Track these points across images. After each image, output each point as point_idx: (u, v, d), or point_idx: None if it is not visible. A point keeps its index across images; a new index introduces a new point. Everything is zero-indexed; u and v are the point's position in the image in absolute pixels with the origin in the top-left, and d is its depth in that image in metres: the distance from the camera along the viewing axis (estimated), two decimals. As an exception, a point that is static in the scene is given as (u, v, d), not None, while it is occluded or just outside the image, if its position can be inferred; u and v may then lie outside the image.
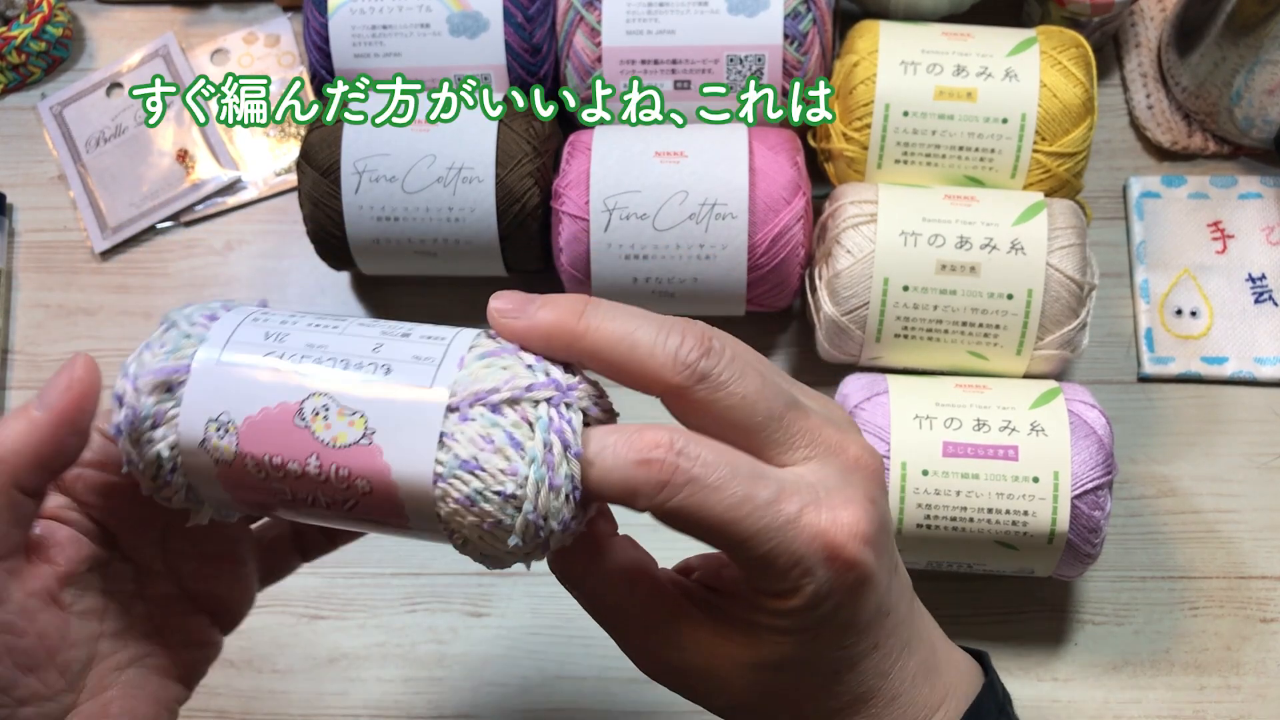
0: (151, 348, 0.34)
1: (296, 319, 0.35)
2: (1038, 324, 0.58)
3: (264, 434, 0.32)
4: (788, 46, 0.63)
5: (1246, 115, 0.66)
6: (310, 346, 0.33)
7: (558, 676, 0.60)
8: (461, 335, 0.33)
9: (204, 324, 0.35)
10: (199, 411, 0.33)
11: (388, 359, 0.32)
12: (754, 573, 0.32)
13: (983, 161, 0.62)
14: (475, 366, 0.32)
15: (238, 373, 0.33)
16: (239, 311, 0.35)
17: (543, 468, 0.31)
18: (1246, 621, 0.60)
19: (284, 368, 0.33)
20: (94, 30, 0.76)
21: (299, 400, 0.32)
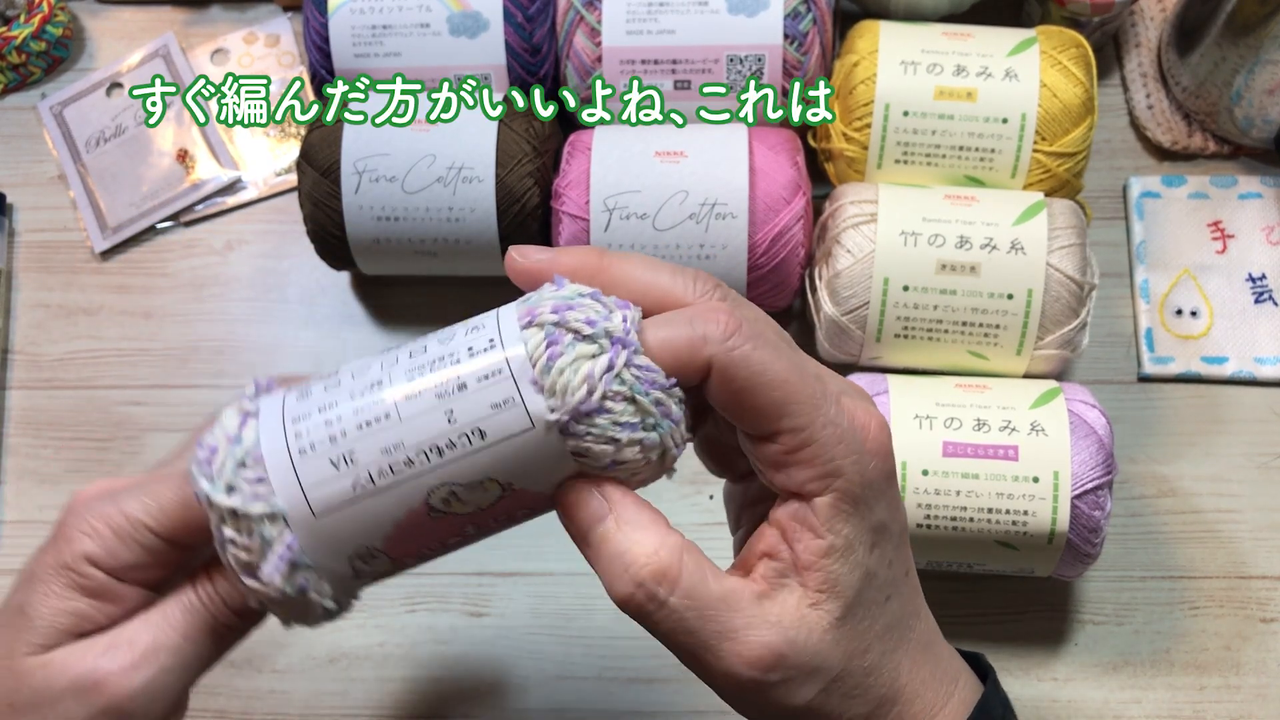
0: (240, 546, 0.32)
1: (327, 414, 0.32)
2: (1038, 324, 0.58)
3: (410, 538, 0.33)
4: (788, 46, 0.63)
5: (1246, 115, 0.66)
6: (385, 451, 0.31)
7: (558, 677, 0.60)
8: (508, 342, 0.31)
9: (259, 486, 0.32)
10: (337, 559, 0.33)
11: (466, 417, 0.31)
12: (800, 453, 0.32)
13: (983, 161, 0.62)
14: (554, 369, 0.31)
15: (344, 517, 0.32)
16: (276, 446, 0.32)
17: (663, 422, 0.32)
18: (1247, 621, 0.60)
19: (382, 486, 0.31)
20: (94, 30, 0.76)
21: (422, 502, 0.32)
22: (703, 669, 0.33)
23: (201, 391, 0.67)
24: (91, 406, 0.67)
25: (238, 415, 0.33)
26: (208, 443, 0.32)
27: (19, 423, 0.67)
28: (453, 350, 0.31)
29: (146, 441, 0.66)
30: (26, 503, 0.66)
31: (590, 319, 0.31)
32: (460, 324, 0.33)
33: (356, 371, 0.32)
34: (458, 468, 0.31)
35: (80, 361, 0.68)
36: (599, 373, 0.30)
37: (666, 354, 0.31)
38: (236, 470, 0.32)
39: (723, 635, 0.33)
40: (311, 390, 0.33)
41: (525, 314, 0.31)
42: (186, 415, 0.67)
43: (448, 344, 0.32)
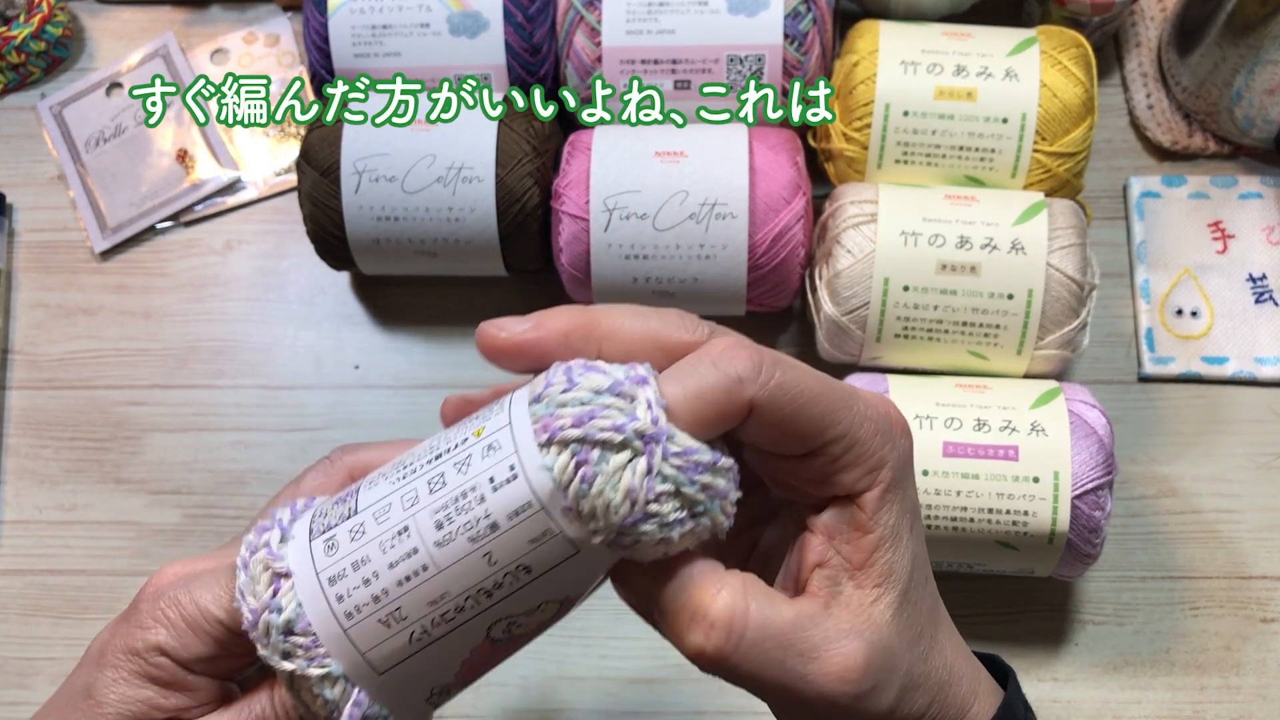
0: (308, 706, 0.32)
1: (363, 571, 0.30)
2: (1038, 324, 0.58)
3: (479, 666, 0.32)
4: (788, 46, 0.63)
5: (1247, 115, 0.66)
6: (432, 603, 0.30)
7: (557, 677, 0.60)
8: (530, 470, 0.29)
9: (314, 650, 0.31)
10: (411, 700, 0.32)
11: (506, 557, 0.29)
12: (845, 457, 0.31)
13: (983, 161, 0.62)
14: (591, 494, 0.29)
15: (408, 668, 0.31)
16: (320, 611, 0.31)
17: (712, 504, 0.30)
18: (1247, 621, 0.60)
19: (438, 635, 0.30)
20: (94, 30, 0.76)
21: (484, 638, 0.31)
22: (796, 699, 0.31)
23: (201, 391, 0.67)
24: (91, 406, 0.67)
25: (268, 578, 0.31)
26: (249, 604, 0.31)
27: (19, 423, 0.67)
28: (473, 483, 0.29)
29: (146, 441, 0.66)
30: (26, 503, 0.66)
31: (617, 424, 0.28)
32: (474, 438, 0.30)
33: (379, 512, 0.30)
34: (511, 602, 0.30)
35: (80, 361, 0.68)
36: (639, 482, 0.28)
37: (704, 411, 0.30)
38: (285, 638, 0.30)
39: (807, 658, 0.31)
40: (337, 538, 0.30)
41: (542, 429, 0.28)
42: (186, 415, 0.67)
43: (466, 472, 0.29)
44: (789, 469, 0.32)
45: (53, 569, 0.64)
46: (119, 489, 0.66)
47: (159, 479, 0.66)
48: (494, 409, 0.30)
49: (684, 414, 0.29)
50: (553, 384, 0.29)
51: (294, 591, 0.30)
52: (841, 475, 0.31)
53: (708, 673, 0.31)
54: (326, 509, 0.31)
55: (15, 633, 0.63)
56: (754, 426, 0.30)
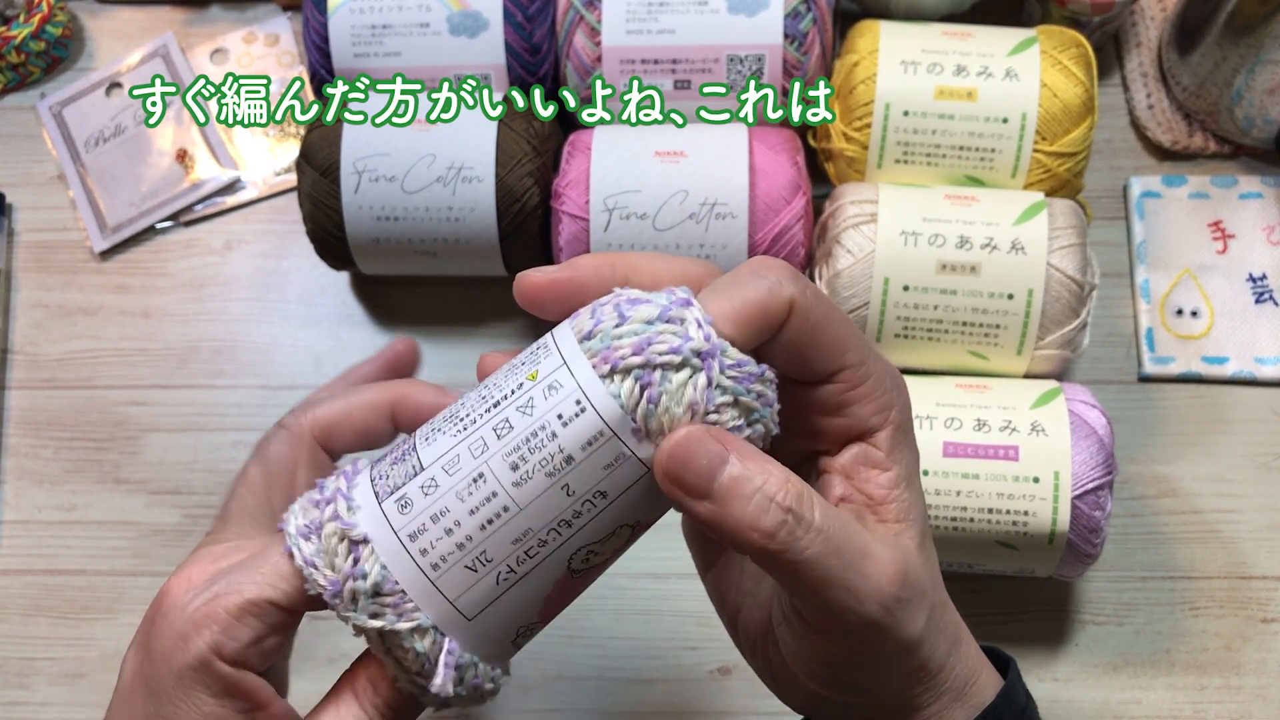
0: (401, 664, 0.32)
1: (443, 522, 0.31)
2: (1038, 324, 0.58)
3: (559, 601, 0.33)
4: (788, 46, 0.63)
5: (1247, 115, 0.66)
6: (515, 541, 0.31)
7: (557, 677, 0.60)
8: (597, 401, 0.30)
9: (403, 605, 0.31)
10: (499, 645, 0.33)
11: (583, 486, 0.30)
12: (860, 388, 0.32)
13: (983, 161, 0.62)
14: (657, 413, 0.30)
15: (496, 610, 0.32)
16: (406, 569, 0.31)
17: (764, 410, 0.31)
18: (1247, 622, 0.60)
19: (524, 572, 0.31)
20: (93, 30, 0.76)
21: (565, 569, 0.31)
22: (848, 592, 0.31)
23: (201, 391, 0.67)
24: (91, 406, 0.67)
25: (346, 548, 0.31)
26: (327, 575, 0.31)
27: (18, 423, 0.67)
28: (542, 423, 0.30)
29: (146, 441, 0.66)
30: (25, 503, 0.66)
31: (674, 346, 0.30)
32: (530, 382, 0.31)
33: (448, 465, 0.31)
34: (589, 530, 0.31)
35: (80, 361, 0.68)
36: (700, 395, 0.30)
37: (750, 316, 0.31)
38: (372, 600, 0.31)
39: (862, 553, 0.31)
40: (409, 496, 0.31)
41: (602, 361, 0.30)
42: (186, 415, 0.67)
43: (531, 414, 0.30)
44: (808, 403, 0.33)
45: (53, 569, 0.64)
46: (119, 489, 0.66)
47: (159, 479, 0.66)
48: (537, 353, 0.31)
49: (731, 325, 0.31)
50: (603, 320, 0.30)
51: (375, 555, 0.31)
52: (856, 407, 0.32)
53: (763, 561, 0.31)
54: (385, 471, 0.32)
55: (15, 633, 0.63)
56: (791, 330, 0.31)
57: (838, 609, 0.31)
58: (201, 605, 0.32)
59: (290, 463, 0.35)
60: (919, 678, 0.33)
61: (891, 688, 0.33)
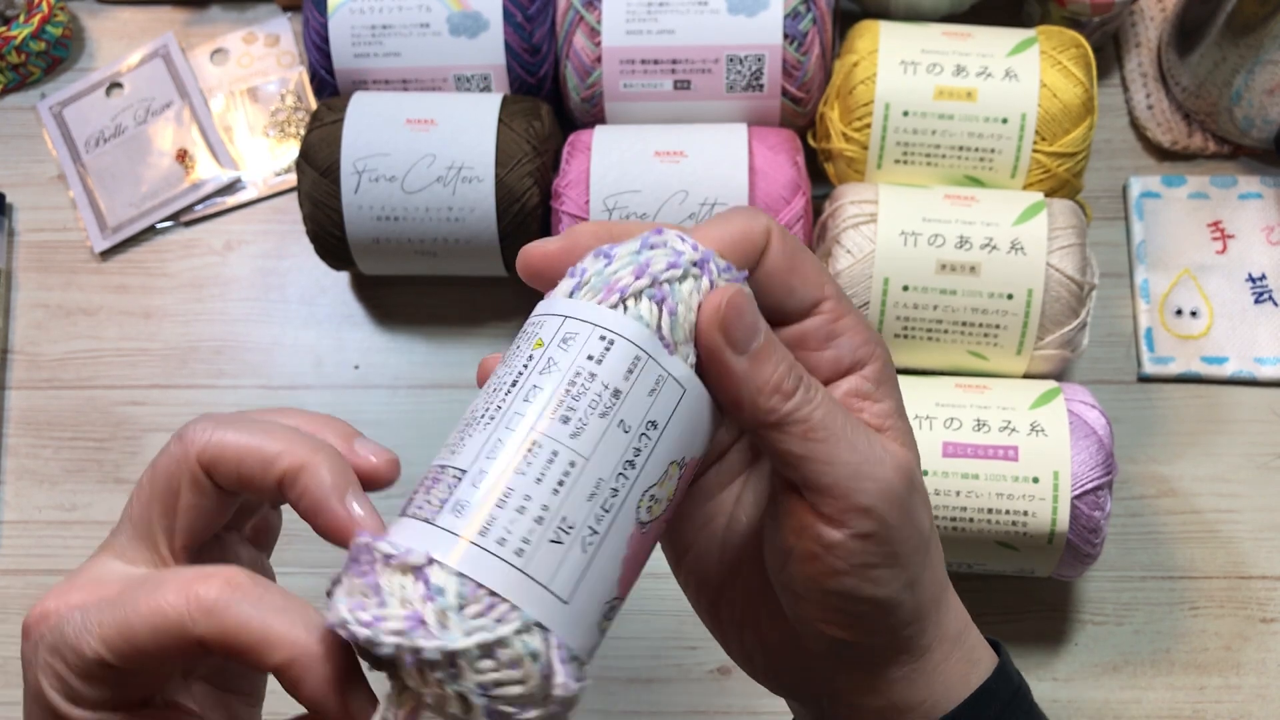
0: (509, 677, 0.28)
1: (513, 502, 0.28)
2: (1038, 324, 0.58)
3: (633, 567, 0.30)
4: (788, 46, 0.63)
5: (1246, 115, 0.66)
6: (590, 496, 0.29)
7: (557, 677, 0.60)
8: (621, 328, 0.30)
9: (498, 608, 0.27)
10: (592, 632, 0.30)
11: (635, 417, 0.29)
12: (843, 320, 0.33)
13: (983, 161, 0.62)
14: (677, 321, 0.30)
15: (587, 584, 0.29)
16: (488, 568, 0.28)
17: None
18: (1247, 621, 0.60)
19: (604, 530, 0.29)
20: (94, 30, 0.76)
21: (634, 523, 0.30)
22: (855, 459, 0.31)
23: (201, 392, 0.67)
24: (91, 406, 0.67)
25: (410, 577, 0.27)
26: (398, 616, 0.27)
27: (18, 423, 0.67)
28: (575, 370, 0.29)
29: (146, 441, 0.66)
30: (25, 503, 0.66)
31: (671, 261, 0.30)
32: (539, 350, 0.30)
33: (490, 452, 0.28)
34: (649, 469, 0.30)
35: (80, 361, 0.68)
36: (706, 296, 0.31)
37: (732, 238, 0.32)
38: (460, 615, 0.27)
39: (869, 438, 0.32)
40: (461, 500, 0.28)
41: (606, 294, 0.30)
42: (186, 415, 0.66)
43: (558, 369, 0.29)
44: (796, 339, 0.33)
45: (53, 569, 0.64)
46: (119, 489, 0.66)
47: (159, 479, 0.66)
48: (531, 328, 0.31)
49: (714, 245, 0.32)
50: (587, 269, 0.31)
51: (446, 568, 0.27)
52: (844, 339, 0.33)
53: (775, 428, 0.31)
54: (421, 502, 0.29)
55: (15, 633, 0.63)
56: (769, 264, 0.32)
57: (845, 479, 0.31)
58: (45, 652, 0.30)
59: (175, 480, 0.32)
60: (912, 612, 0.33)
61: (881, 611, 0.33)
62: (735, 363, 0.30)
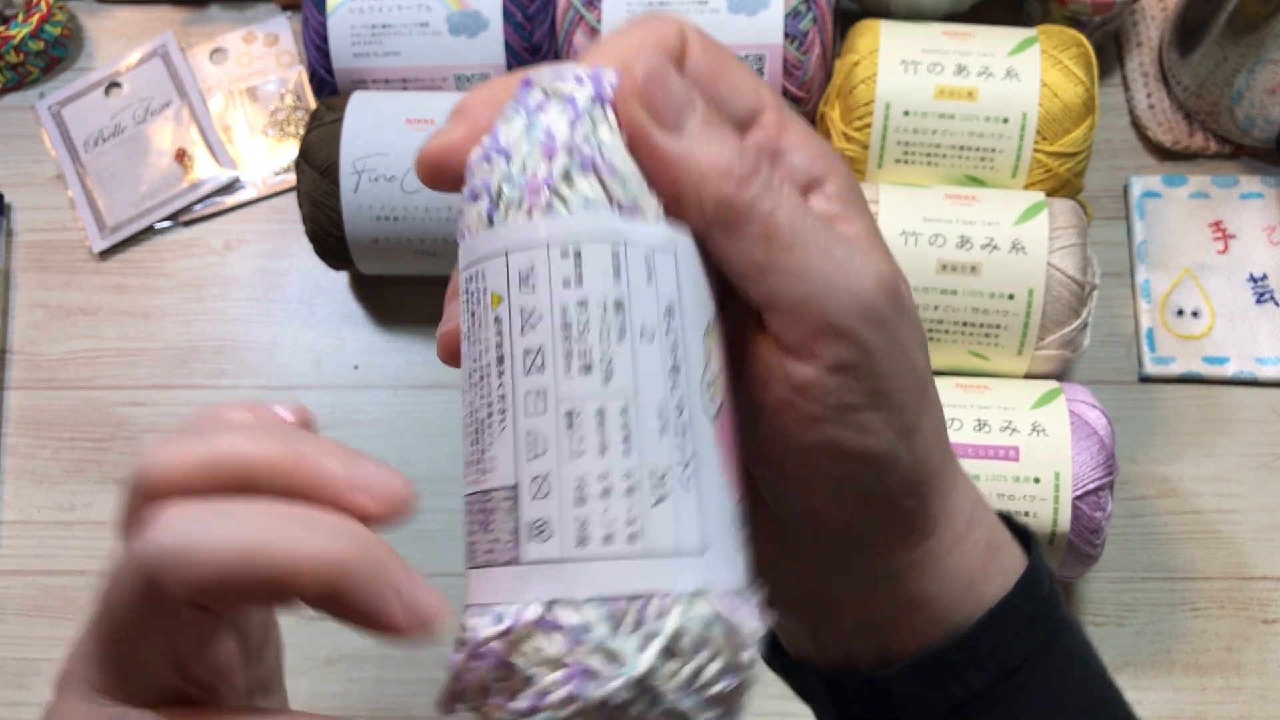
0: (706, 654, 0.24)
1: (604, 483, 0.23)
2: (1039, 324, 0.58)
3: (733, 467, 0.26)
4: (788, 46, 0.63)
5: (1248, 115, 0.66)
6: (660, 430, 0.24)
7: (557, 677, 0.60)
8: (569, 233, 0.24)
9: (657, 601, 0.23)
10: (741, 570, 0.26)
11: (650, 310, 0.24)
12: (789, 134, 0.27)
13: (983, 161, 0.61)
14: (612, 171, 0.25)
15: (714, 525, 0.24)
16: (584, 575, 0.23)
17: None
18: (1248, 622, 0.60)
19: (689, 455, 0.24)
20: (92, 29, 0.76)
21: (710, 426, 0.25)
22: (827, 269, 0.25)
23: (201, 392, 0.67)
24: (90, 407, 0.67)
25: (544, 636, 0.23)
26: (558, 680, 0.22)
27: (18, 423, 0.67)
28: (561, 304, 0.24)
29: (145, 442, 0.66)
30: (25, 503, 0.66)
31: (572, 114, 0.25)
32: (499, 304, 0.24)
33: (525, 449, 0.23)
34: (691, 360, 0.24)
35: (79, 361, 0.68)
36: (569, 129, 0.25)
37: (640, 48, 0.26)
38: (622, 638, 0.22)
39: (840, 241, 0.26)
40: (535, 519, 0.23)
41: (531, 198, 0.24)
42: (186, 415, 0.67)
43: (541, 320, 0.24)
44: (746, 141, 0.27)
45: (52, 569, 0.64)
46: (119, 489, 0.65)
47: (158, 479, 0.66)
48: (477, 288, 0.25)
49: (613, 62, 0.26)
50: (492, 178, 0.25)
51: (572, 606, 0.23)
52: (792, 154, 0.27)
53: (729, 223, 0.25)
54: (487, 544, 0.24)
55: (15, 633, 0.63)
56: (690, 70, 0.26)
57: (816, 294, 0.25)
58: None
59: (144, 622, 0.25)
60: (910, 470, 0.27)
61: (873, 469, 0.27)
62: (669, 145, 0.25)
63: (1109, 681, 0.34)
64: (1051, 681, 0.31)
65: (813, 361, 0.25)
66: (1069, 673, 0.31)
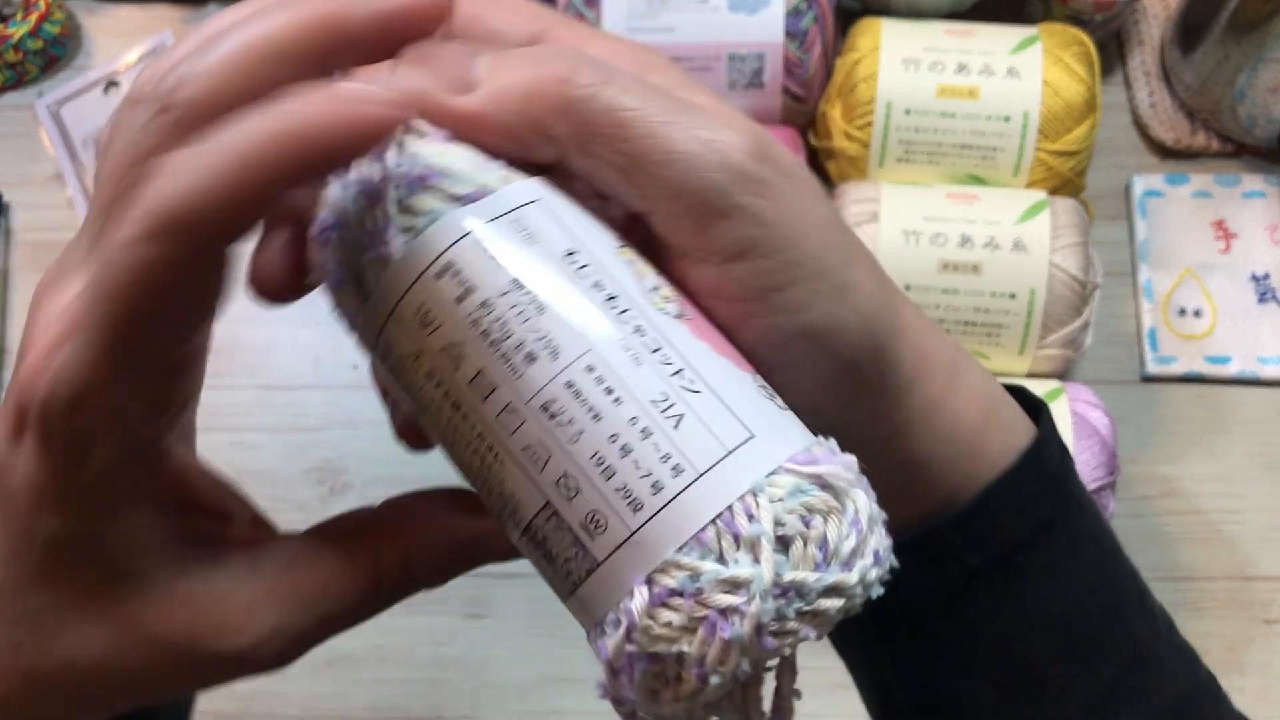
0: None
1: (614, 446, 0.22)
2: (1040, 323, 0.57)
3: (723, 339, 0.25)
4: (789, 44, 0.62)
5: (1249, 113, 0.66)
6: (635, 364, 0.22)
7: (557, 679, 0.60)
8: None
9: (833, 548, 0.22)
10: (796, 433, 0.24)
11: (555, 268, 0.23)
12: None
13: (985, 160, 0.61)
14: (429, 175, 0.24)
15: (740, 405, 0.23)
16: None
17: None
18: (1250, 623, 0.60)
19: (676, 366, 0.23)
20: (91, 28, 0.76)
21: (675, 322, 0.23)
22: (690, 145, 0.23)
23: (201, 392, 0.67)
24: (88, 406, 0.67)
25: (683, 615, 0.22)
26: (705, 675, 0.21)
27: (16, 423, 0.67)
28: (469, 318, 0.23)
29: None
30: (23, 503, 0.65)
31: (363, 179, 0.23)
32: (421, 354, 0.24)
33: (530, 463, 0.23)
34: (620, 280, 0.23)
35: (77, 361, 0.68)
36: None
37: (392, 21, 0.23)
38: (739, 551, 0.21)
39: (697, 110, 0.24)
40: (595, 510, 0.22)
41: (388, 237, 0.23)
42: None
43: (461, 338, 0.23)
44: None
45: (50, 570, 0.64)
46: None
47: (157, 479, 0.65)
48: (396, 368, 0.25)
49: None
50: (340, 234, 0.24)
51: (668, 570, 0.21)
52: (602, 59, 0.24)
53: (578, 146, 0.23)
54: (572, 551, 0.24)
55: (12, 634, 0.63)
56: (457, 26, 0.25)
57: (688, 177, 0.23)
58: None
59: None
60: (863, 332, 0.25)
61: (822, 344, 0.24)
62: (472, 101, 0.23)
63: (1122, 561, 0.32)
64: (1055, 562, 0.29)
65: (712, 257, 0.23)
66: (1076, 553, 0.29)
